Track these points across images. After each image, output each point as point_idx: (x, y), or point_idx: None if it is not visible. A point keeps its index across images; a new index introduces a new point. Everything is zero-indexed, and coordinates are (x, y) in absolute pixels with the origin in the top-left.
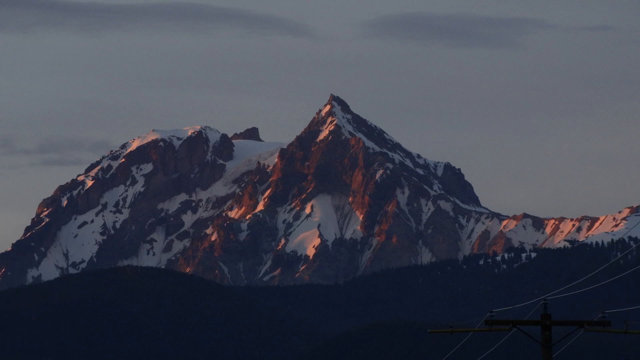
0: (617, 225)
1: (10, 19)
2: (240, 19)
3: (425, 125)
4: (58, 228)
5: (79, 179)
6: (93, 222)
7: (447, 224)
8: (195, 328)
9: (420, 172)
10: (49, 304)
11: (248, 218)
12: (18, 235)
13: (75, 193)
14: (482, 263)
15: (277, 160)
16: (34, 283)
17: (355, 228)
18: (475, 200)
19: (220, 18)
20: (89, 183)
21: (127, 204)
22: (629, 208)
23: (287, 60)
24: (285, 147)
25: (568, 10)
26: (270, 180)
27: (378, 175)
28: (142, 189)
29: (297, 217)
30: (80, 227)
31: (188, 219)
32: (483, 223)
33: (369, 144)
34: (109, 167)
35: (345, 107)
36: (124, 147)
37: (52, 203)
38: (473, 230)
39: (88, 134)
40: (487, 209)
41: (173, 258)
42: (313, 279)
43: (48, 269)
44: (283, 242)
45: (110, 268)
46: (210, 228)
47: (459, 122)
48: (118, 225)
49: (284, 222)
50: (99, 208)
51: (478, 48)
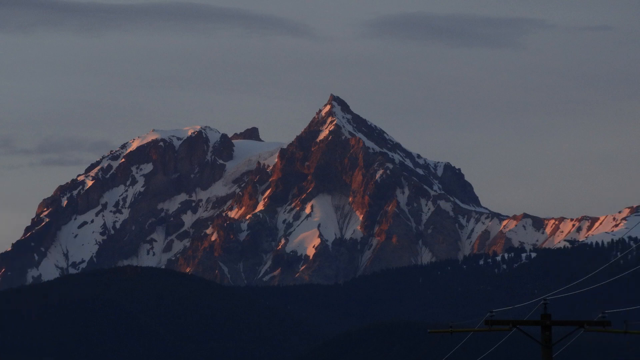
0: (617, 225)
1: (10, 19)
2: (240, 19)
3: (425, 125)
4: (58, 228)
5: (79, 179)
6: (93, 222)
7: (447, 224)
8: (195, 328)
9: (420, 172)
10: (49, 304)
11: (248, 218)
12: (18, 235)
13: (75, 193)
14: (482, 263)
15: (277, 160)
16: (34, 283)
17: (355, 228)
18: (475, 200)
19: (220, 18)
20: (89, 183)
21: (127, 204)
22: (629, 208)
23: (287, 60)
24: (285, 147)
25: (568, 10)
26: (270, 180)
27: (378, 175)
28: (142, 189)
29: (297, 217)
30: (80, 227)
31: (188, 219)
32: (483, 223)
33: (369, 144)
34: (109, 167)
35: (345, 107)
36: (124, 147)
37: (52, 203)
38: (473, 230)
39: (88, 134)
40: (487, 209)
41: (173, 258)
42: (313, 279)
43: (48, 269)
44: (283, 242)
45: (110, 268)
46: (210, 228)
47: (459, 122)
48: (118, 225)
49: (284, 222)
50: (99, 208)
51: (478, 48)
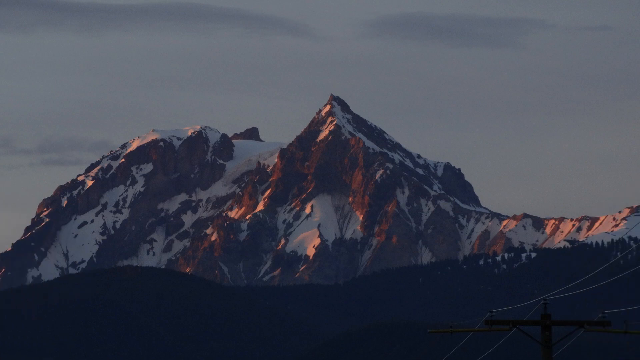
0: (617, 225)
1: (10, 19)
2: (240, 19)
3: (425, 125)
4: (58, 228)
5: (79, 179)
6: (93, 222)
7: (447, 224)
8: (195, 328)
9: (420, 172)
10: (49, 304)
11: (248, 218)
12: (18, 235)
13: (75, 193)
14: (482, 263)
15: (277, 160)
16: (34, 283)
17: (355, 228)
18: (475, 200)
19: (220, 18)
20: (89, 183)
21: (127, 204)
22: (629, 208)
23: (287, 60)
24: (285, 147)
25: (568, 10)
26: (270, 180)
27: (378, 175)
28: (142, 189)
29: (297, 217)
30: (80, 227)
31: (188, 219)
32: (483, 223)
33: (369, 144)
34: (109, 167)
35: (345, 107)
36: (124, 147)
37: (52, 203)
38: (473, 230)
39: (88, 134)
40: (487, 209)
41: (173, 258)
42: (313, 279)
43: (48, 269)
44: (283, 242)
45: (110, 268)
46: (210, 228)
47: (459, 122)
48: (118, 225)
49: (284, 222)
50: (99, 208)
51: (478, 48)
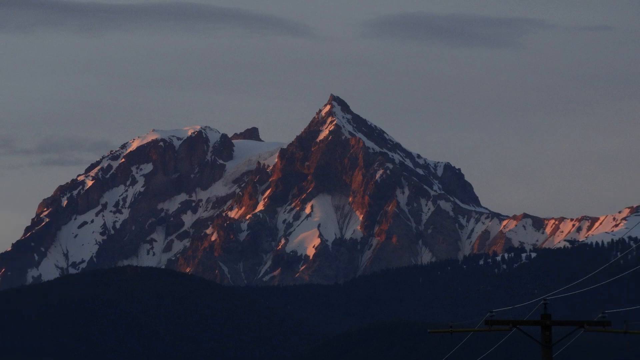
0: (617, 225)
1: (10, 19)
2: (240, 19)
3: (425, 125)
4: (58, 228)
5: (79, 179)
6: (93, 222)
7: (447, 224)
8: (195, 328)
9: (420, 172)
10: (49, 304)
11: (248, 218)
12: (18, 235)
13: (75, 193)
14: (482, 263)
15: (277, 160)
16: (34, 283)
17: (355, 228)
18: (475, 200)
19: (220, 18)
20: (89, 183)
21: (127, 204)
22: (629, 208)
23: (287, 60)
24: (285, 147)
25: (568, 10)
26: (270, 180)
27: (378, 175)
28: (142, 189)
29: (297, 217)
30: (80, 227)
31: (188, 219)
32: (483, 223)
33: (369, 144)
34: (109, 167)
35: (345, 107)
36: (124, 147)
37: (52, 203)
38: (473, 230)
39: (88, 134)
40: (487, 209)
41: (173, 258)
42: (313, 279)
43: (48, 269)
44: (283, 242)
45: (110, 268)
46: (210, 228)
47: (459, 122)
48: (118, 225)
49: (284, 222)
50: (99, 208)
51: (478, 48)
